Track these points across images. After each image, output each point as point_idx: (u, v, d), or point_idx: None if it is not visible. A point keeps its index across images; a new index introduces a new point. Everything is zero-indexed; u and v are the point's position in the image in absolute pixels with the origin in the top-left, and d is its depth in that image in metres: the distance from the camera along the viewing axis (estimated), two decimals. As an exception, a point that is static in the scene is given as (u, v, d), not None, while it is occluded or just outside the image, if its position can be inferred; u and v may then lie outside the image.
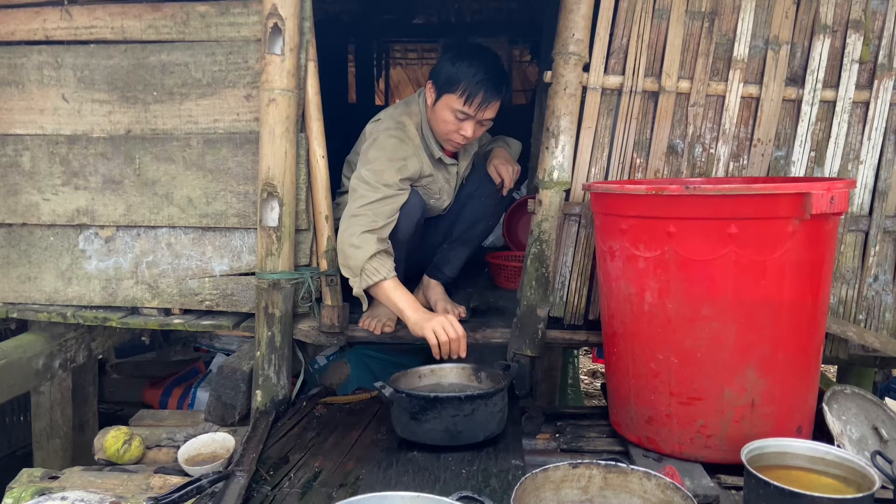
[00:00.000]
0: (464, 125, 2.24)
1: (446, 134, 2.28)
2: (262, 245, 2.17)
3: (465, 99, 2.18)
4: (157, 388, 3.18)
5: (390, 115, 2.37)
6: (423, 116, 2.35)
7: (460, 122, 2.23)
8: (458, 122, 2.23)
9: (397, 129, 2.28)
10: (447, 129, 2.26)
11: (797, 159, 2.18)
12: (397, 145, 2.24)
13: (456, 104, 2.19)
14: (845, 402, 1.96)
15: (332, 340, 2.32)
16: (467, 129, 2.24)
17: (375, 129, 2.32)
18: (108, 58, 2.25)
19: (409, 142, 2.28)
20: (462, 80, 2.17)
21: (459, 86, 2.17)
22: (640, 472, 1.48)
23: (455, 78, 2.18)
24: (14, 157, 2.33)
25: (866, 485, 1.47)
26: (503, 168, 2.44)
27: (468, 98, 2.17)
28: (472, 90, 2.17)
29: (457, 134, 2.26)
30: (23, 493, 1.73)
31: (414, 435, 1.89)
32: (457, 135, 2.26)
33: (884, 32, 2.13)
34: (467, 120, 2.23)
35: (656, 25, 2.14)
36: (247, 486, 1.66)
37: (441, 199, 2.48)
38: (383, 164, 2.18)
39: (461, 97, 2.18)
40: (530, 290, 2.22)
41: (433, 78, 2.26)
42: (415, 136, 2.32)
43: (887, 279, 2.22)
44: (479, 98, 2.18)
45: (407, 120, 2.32)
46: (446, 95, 2.21)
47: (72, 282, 2.37)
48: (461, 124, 2.24)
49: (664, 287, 1.76)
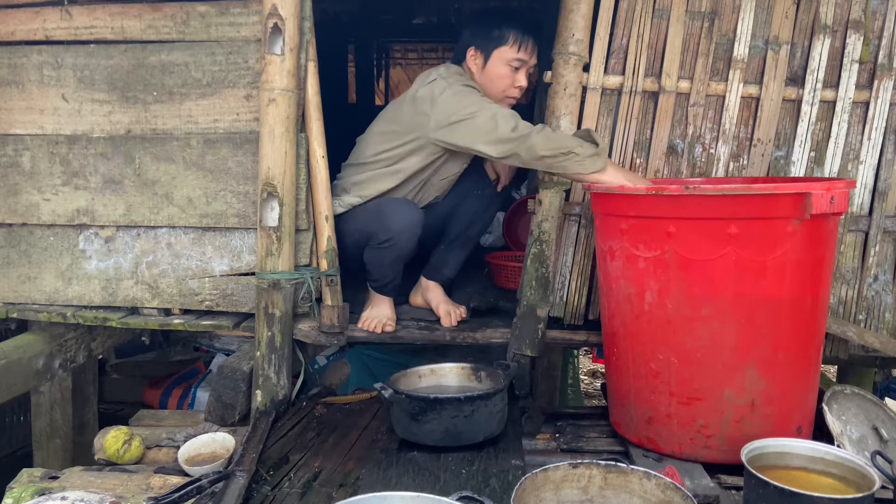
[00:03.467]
0: (518, 75, 2.30)
1: (503, 90, 2.33)
2: (262, 245, 2.17)
3: (519, 45, 2.27)
4: (157, 388, 3.17)
5: (451, 72, 2.32)
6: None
7: (515, 74, 2.30)
8: (513, 74, 2.30)
9: (467, 84, 2.27)
10: (504, 84, 2.32)
11: (797, 159, 2.18)
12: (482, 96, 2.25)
13: (509, 53, 2.27)
14: (845, 402, 1.96)
15: (332, 340, 2.32)
16: (522, 78, 2.31)
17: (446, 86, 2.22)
18: (108, 58, 2.25)
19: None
20: (511, 32, 2.25)
21: (510, 36, 2.26)
22: (640, 472, 1.48)
23: (502, 33, 2.27)
24: (14, 157, 2.33)
25: (866, 485, 1.47)
26: (499, 164, 2.45)
27: (521, 44, 2.26)
28: (522, 37, 2.26)
29: (513, 88, 2.33)
30: (23, 493, 1.73)
31: (414, 435, 1.89)
32: (513, 88, 2.33)
33: (884, 32, 2.13)
34: (522, 68, 2.30)
35: (656, 25, 2.14)
36: (247, 486, 1.66)
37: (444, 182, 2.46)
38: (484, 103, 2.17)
39: (514, 45, 2.26)
40: (530, 290, 2.22)
41: (474, 44, 2.31)
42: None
43: (887, 279, 2.22)
44: (529, 42, 2.28)
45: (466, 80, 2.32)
46: (498, 50, 2.28)
47: (72, 282, 2.37)
48: (516, 75, 2.30)
49: (664, 287, 1.76)
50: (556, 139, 2.05)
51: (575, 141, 2.05)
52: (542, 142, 2.05)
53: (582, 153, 2.02)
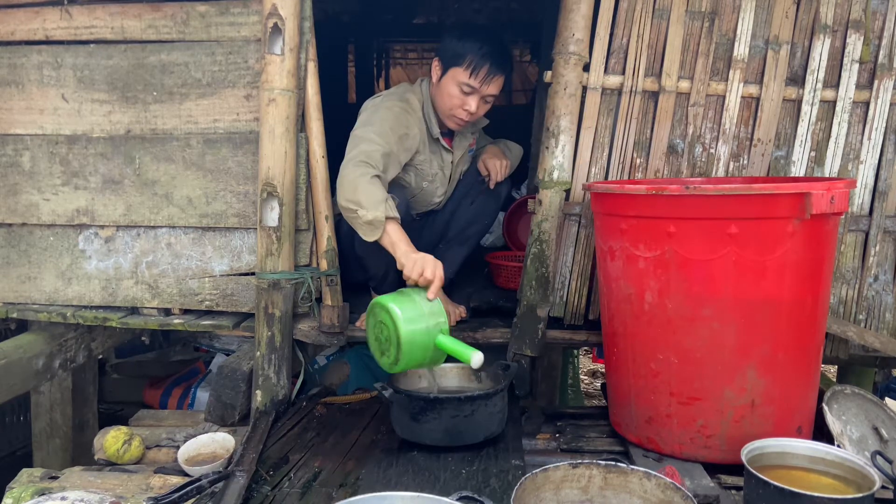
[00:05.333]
0: (468, 100, 2.27)
1: (451, 109, 2.30)
2: (262, 245, 2.17)
3: (472, 71, 2.21)
4: (157, 388, 3.17)
5: (394, 91, 2.39)
6: (425, 96, 2.38)
7: (465, 97, 2.26)
8: (462, 97, 2.26)
9: (401, 101, 2.31)
10: (452, 103, 2.28)
11: (797, 159, 2.18)
12: (400, 115, 2.26)
13: (462, 77, 2.23)
14: (845, 402, 1.96)
15: (332, 340, 2.32)
16: (471, 103, 2.27)
17: (377, 102, 2.32)
18: (108, 58, 2.25)
19: (412, 113, 2.31)
20: (468, 54, 2.20)
21: (466, 59, 2.21)
22: (640, 472, 1.48)
23: (461, 52, 2.22)
24: (14, 157, 2.33)
25: (866, 485, 1.47)
26: (491, 162, 2.46)
27: (474, 70, 2.21)
28: (478, 63, 2.20)
29: (461, 109, 2.29)
30: (23, 493, 1.73)
31: (414, 435, 1.89)
32: (461, 110, 2.29)
33: (884, 32, 2.13)
34: (472, 94, 2.26)
35: (656, 25, 2.14)
36: (247, 486, 1.66)
37: (434, 185, 2.47)
38: (386, 128, 2.18)
39: (467, 69, 2.21)
40: (530, 290, 2.22)
41: (439, 55, 2.30)
42: (417, 109, 2.34)
43: (887, 279, 2.22)
44: (484, 70, 2.21)
45: (411, 96, 2.35)
46: (452, 69, 2.24)
47: (72, 282, 2.37)
48: (466, 98, 2.27)
49: (664, 287, 1.76)
50: (353, 191, 1.98)
51: (367, 200, 1.95)
52: (343, 186, 2.01)
53: (362, 217, 1.96)
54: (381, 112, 2.23)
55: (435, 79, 2.31)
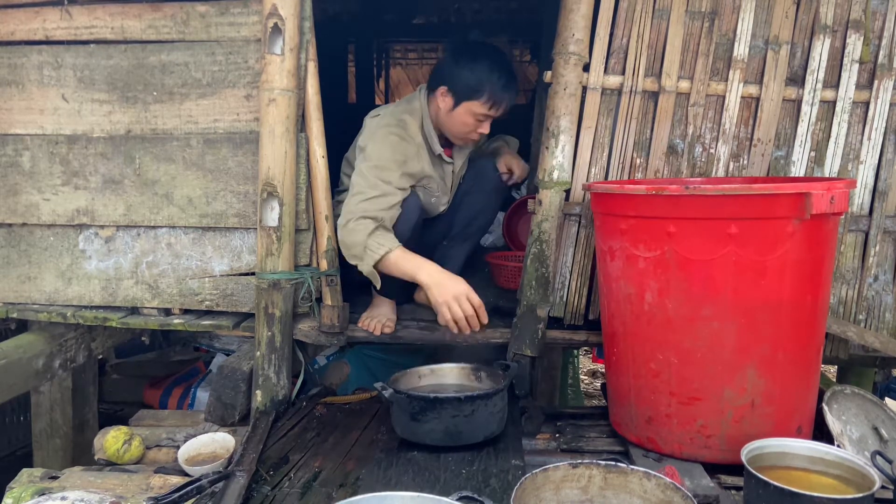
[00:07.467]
0: (483, 125, 2.32)
1: (465, 135, 2.35)
2: (262, 245, 2.17)
3: (491, 105, 2.25)
4: (157, 388, 3.18)
5: (391, 111, 2.37)
6: (424, 113, 2.36)
7: (480, 123, 2.31)
8: (477, 124, 2.31)
9: (398, 126, 2.29)
10: (466, 129, 2.32)
11: (797, 159, 2.18)
12: (398, 143, 2.25)
13: (480, 109, 2.26)
14: (845, 402, 1.96)
15: (332, 340, 2.32)
16: (486, 128, 2.33)
17: (375, 125, 2.32)
18: (108, 58, 2.25)
19: (410, 140, 2.30)
20: (486, 89, 2.23)
21: (484, 94, 2.23)
22: (640, 472, 1.48)
23: (478, 86, 2.23)
24: (14, 157, 2.33)
25: (866, 485, 1.47)
26: (514, 162, 2.56)
27: (494, 104, 2.25)
28: (498, 97, 2.25)
29: (475, 133, 2.35)
30: (23, 493, 1.73)
31: (414, 435, 1.89)
32: (475, 133, 2.35)
33: (884, 32, 2.13)
34: (487, 120, 2.31)
35: (656, 25, 2.14)
36: (247, 486, 1.66)
37: (439, 199, 2.49)
38: (384, 162, 2.20)
39: (486, 103, 2.24)
40: (530, 290, 2.22)
41: (448, 84, 2.27)
42: (416, 133, 2.33)
43: (887, 279, 2.22)
44: (504, 103, 2.28)
45: (408, 118, 2.33)
46: (468, 102, 2.25)
47: (72, 282, 2.37)
48: (481, 125, 2.32)
49: (664, 287, 1.76)
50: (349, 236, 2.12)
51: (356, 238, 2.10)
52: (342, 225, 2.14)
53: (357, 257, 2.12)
54: (378, 144, 2.23)
55: (444, 108, 2.30)
